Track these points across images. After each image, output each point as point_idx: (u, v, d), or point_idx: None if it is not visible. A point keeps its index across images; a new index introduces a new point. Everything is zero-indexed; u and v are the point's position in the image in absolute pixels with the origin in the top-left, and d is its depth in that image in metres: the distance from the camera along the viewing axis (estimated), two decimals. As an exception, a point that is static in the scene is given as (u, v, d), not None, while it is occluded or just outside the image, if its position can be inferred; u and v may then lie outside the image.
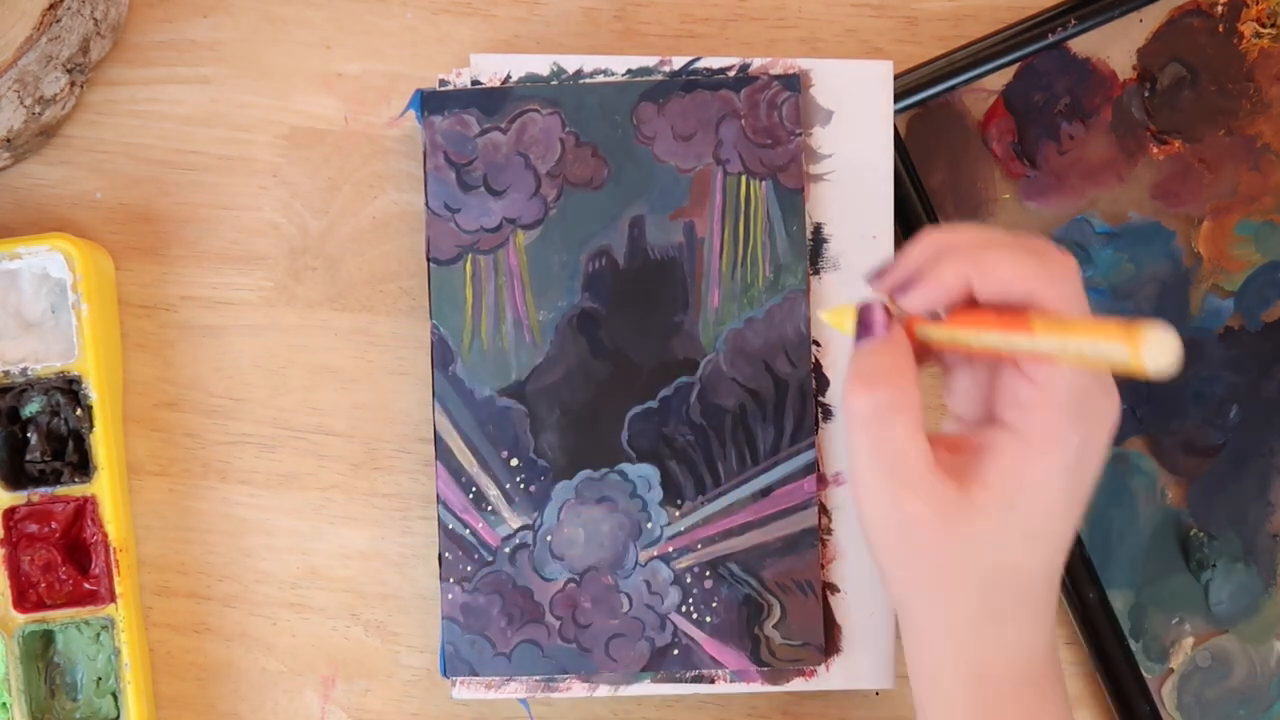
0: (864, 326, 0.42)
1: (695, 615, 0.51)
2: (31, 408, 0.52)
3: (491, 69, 0.52)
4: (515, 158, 0.52)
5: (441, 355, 0.52)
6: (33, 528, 0.52)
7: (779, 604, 0.51)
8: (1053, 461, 0.39)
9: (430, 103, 0.52)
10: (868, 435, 0.40)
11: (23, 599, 0.51)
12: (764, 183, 0.52)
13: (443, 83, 0.52)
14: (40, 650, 0.52)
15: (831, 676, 0.51)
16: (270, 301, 0.54)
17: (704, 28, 0.54)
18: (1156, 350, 0.34)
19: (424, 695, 0.53)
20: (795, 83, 0.52)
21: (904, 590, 0.42)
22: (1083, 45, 0.53)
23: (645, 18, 0.54)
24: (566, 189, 0.52)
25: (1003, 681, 0.41)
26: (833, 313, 0.45)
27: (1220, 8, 0.53)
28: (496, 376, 0.51)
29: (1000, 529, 0.40)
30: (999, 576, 0.41)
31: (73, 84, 0.52)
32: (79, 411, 0.52)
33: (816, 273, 0.52)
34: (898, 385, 0.40)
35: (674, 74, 0.52)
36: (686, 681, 0.51)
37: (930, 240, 0.41)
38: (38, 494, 0.52)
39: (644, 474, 0.51)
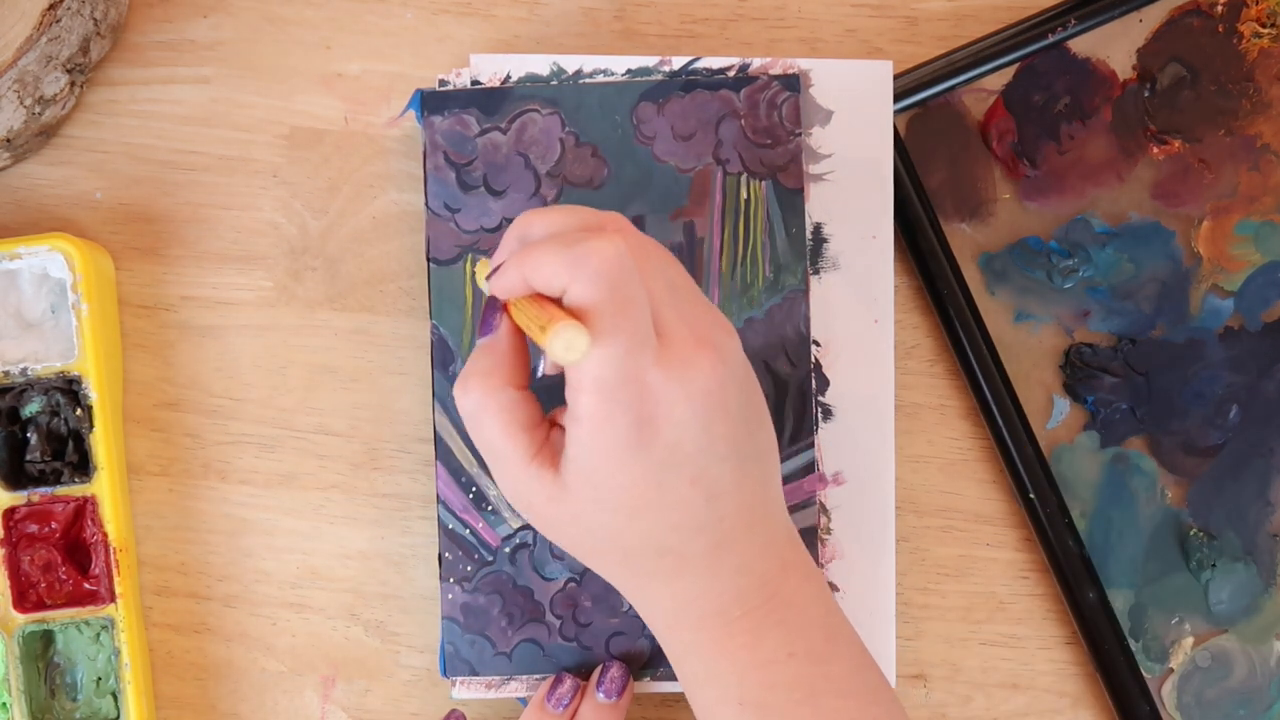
0: (480, 324, 0.43)
1: (695, 615, 0.51)
2: (31, 408, 0.52)
3: (491, 69, 0.52)
4: (515, 158, 0.52)
5: (441, 355, 0.52)
6: (33, 528, 0.52)
7: (779, 604, 0.51)
8: (602, 438, 0.40)
9: (430, 103, 0.52)
10: (473, 430, 0.42)
11: (23, 599, 0.52)
12: (764, 183, 0.52)
13: (443, 83, 0.52)
14: (40, 650, 0.52)
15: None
16: (270, 301, 0.54)
17: (704, 28, 0.54)
18: (561, 346, 0.37)
19: (424, 695, 0.53)
20: (795, 83, 0.52)
21: (576, 557, 0.44)
22: (1083, 45, 0.53)
23: (645, 18, 0.54)
24: (566, 189, 0.52)
25: (696, 629, 0.43)
26: (479, 268, 0.46)
27: (1220, 8, 0.53)
28: (496, 376, 0.51)
29: (596, 507, 0.41)
30: (629, 548, 0.42)
31: (73, 84, 0.52)
32: (79, 411, 0.52)
33: (816, 273, 0.52)
34: (489, 386, 0.41)
35: (674, 74, 0.52)
36: (686, 681, 0.51)
37: (511, 231, 0.42)
38: (38, 494, 0.52)
39: (644, 474, 0.51)
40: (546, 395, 0.43)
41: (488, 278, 0.43)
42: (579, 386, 0.39)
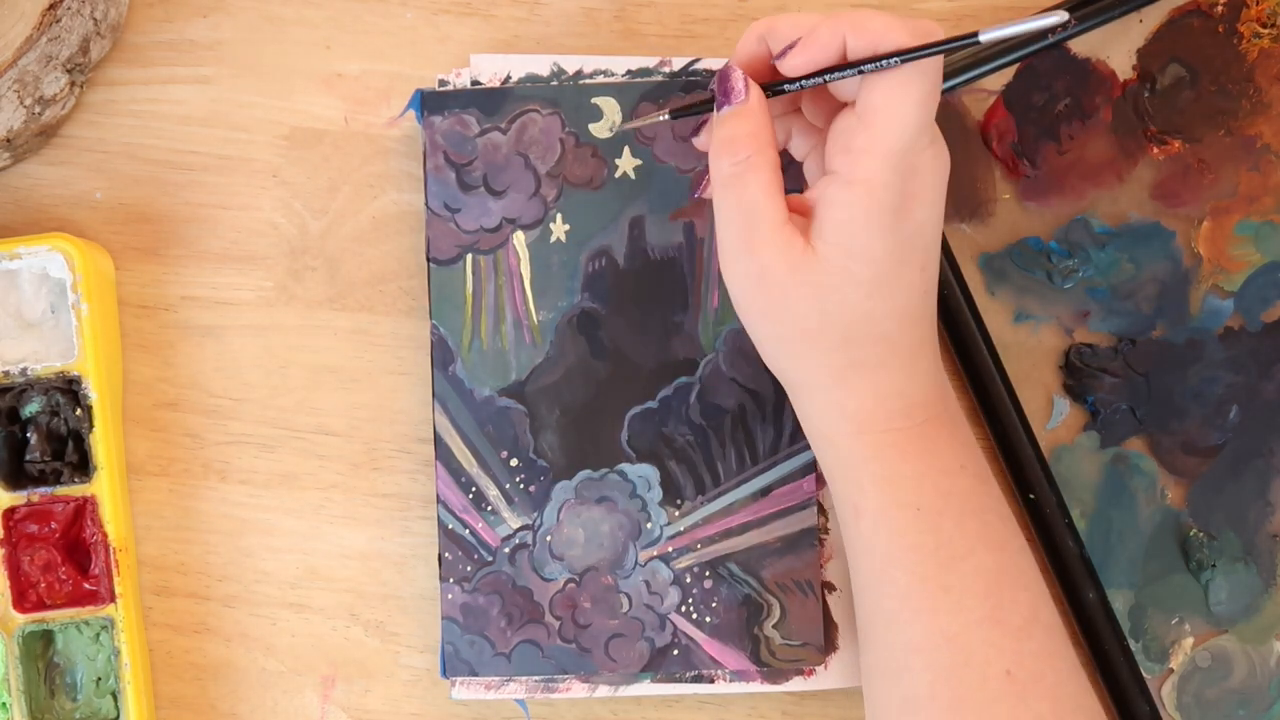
0: (724, 93, 0.44)
1: (695, 615, 0.51)
2: (31, 408, 0.52)
3: (491, 69, 0.52)
4: (515, 158, 0.52)
5: (441, 355, 0.52)
6: (33, 528, 0.52)
7: (778, 604, 0.51)
8: (874, 202, 0.42)
9: (430, 103, 0.52)
10: (730, 193, 0.43)
11: (23, 599, 0.52)
12: (764, 183, 0.51)
13: (443, 83, 0.52)
14: (40, 650, 0.52)
15: (831, 675, 0.51)
16: (270, 301, 0.54)
17: (704, 28, 0.54)
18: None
19: (424, 695, 0.53)
20: (795, 83, 0.52)
21: (774, 351, 0.45)
22: (1083, 45, 0.53)
23: (645, 18, 0.54)
24: (566, 189, 0.52)
25: (885, 430, 0.44)
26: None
27: (1220, 8, 0.53)
28: (496, 376, 0.52)
29: (842, 278, 0.42)
30: (854, 327, 0.43)
31: (73, 84, 0.52)
32: (79, 411, 0.52)
33: (816, 273, 0.52)
34: (756, 146, 0.43)
35: (674, 74, 0.52)
36: (686, 681, 0.51)
37: (753, 31, 0.44)
38: (38, 494, 0.52)
39: (643, 474, 0.51)
40: (541, 398, 0.43)
41: (778, 56, 0.43)
42: (868, 148, 0.41)
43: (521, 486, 0.51)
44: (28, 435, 0.52)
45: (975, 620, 0.43)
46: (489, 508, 0.51)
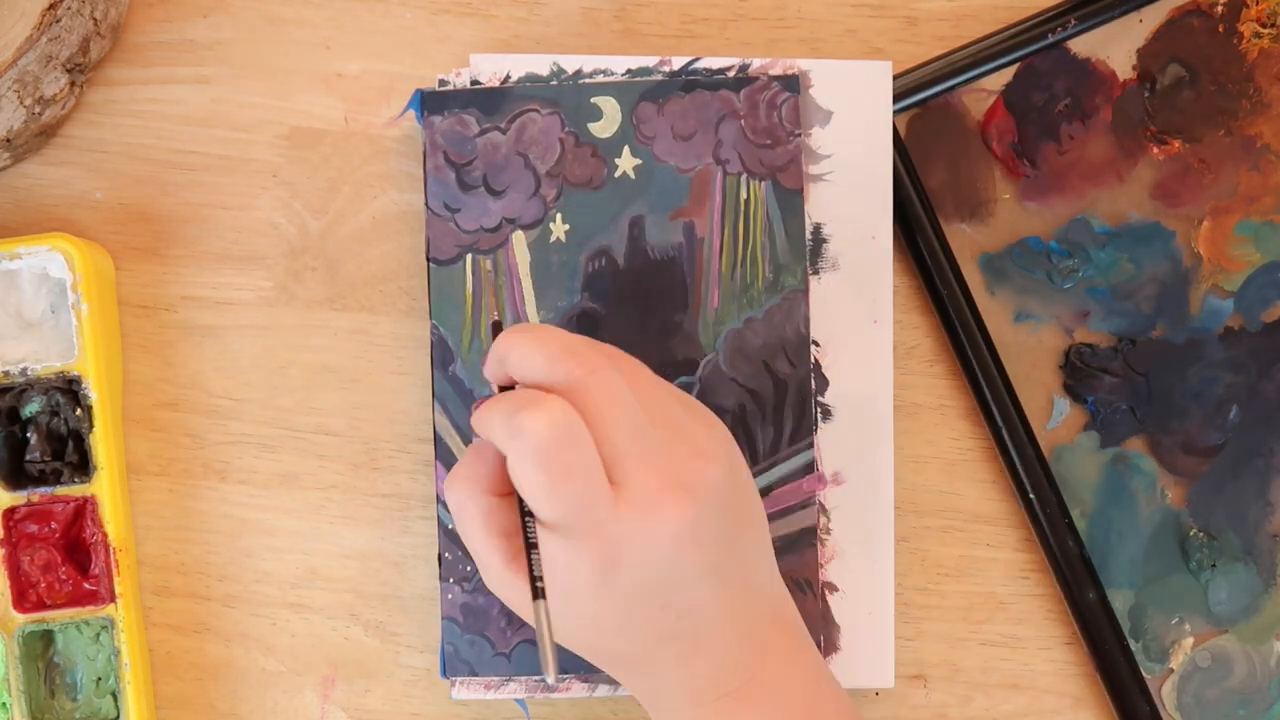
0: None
1: (695, 615, 0.51)
2: (31, 408, 0.52)
3: (491, 69, 0.52)
4: (515, 158, 0.52)
5: (441, 355, 0.52)
6: (33, 528, 0.52)
7: (779, 604, 0.51)
8: (568, 582, 0.41)
9: (430, 103, 0.52)
10: (458, 529, 0.43)
11: (23, 599, 0.52)
12: (763, 183, 0.52)
13: (442, 83, 0.52)
14: (40, 650, 0.52)
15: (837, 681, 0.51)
16: (270, 301, 0.54)
17: (704, 28, 0.54)
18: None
19: (424, 695, 0.53)
20: (795, 83, 0.52)
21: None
22: (1083, 45, 0.53)
23: (645, 18, 0.54)
24: (566, 189, 0.52)
25: (678, 712, 0.44)
26: None
27: (1220, 8, 0.53)
28: (496, 376, 0.51)
29: (562, 622, 0.42)
30: (593, 653, 0.44)
31: (73, 84, 0.52)
32: (79, 411, 0.52)
33: (816, 273, 0.52)
34: (471, 491, 0.42)
35: (674, 74, 0.52)
36: (686, 681, 0.51)
37: (495, 348, 0.43)
38: (38, 494, 0.52)
39: (644, 474, 0.51)
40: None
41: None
42: (540, 538, 0.41)
43: (521, 486, 0.51)
44: (28, 435, 0.52)
45: None
46: (489, 508, 0.51)
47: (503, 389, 0.44)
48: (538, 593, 0.40)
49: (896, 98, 0.53)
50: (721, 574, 0.42)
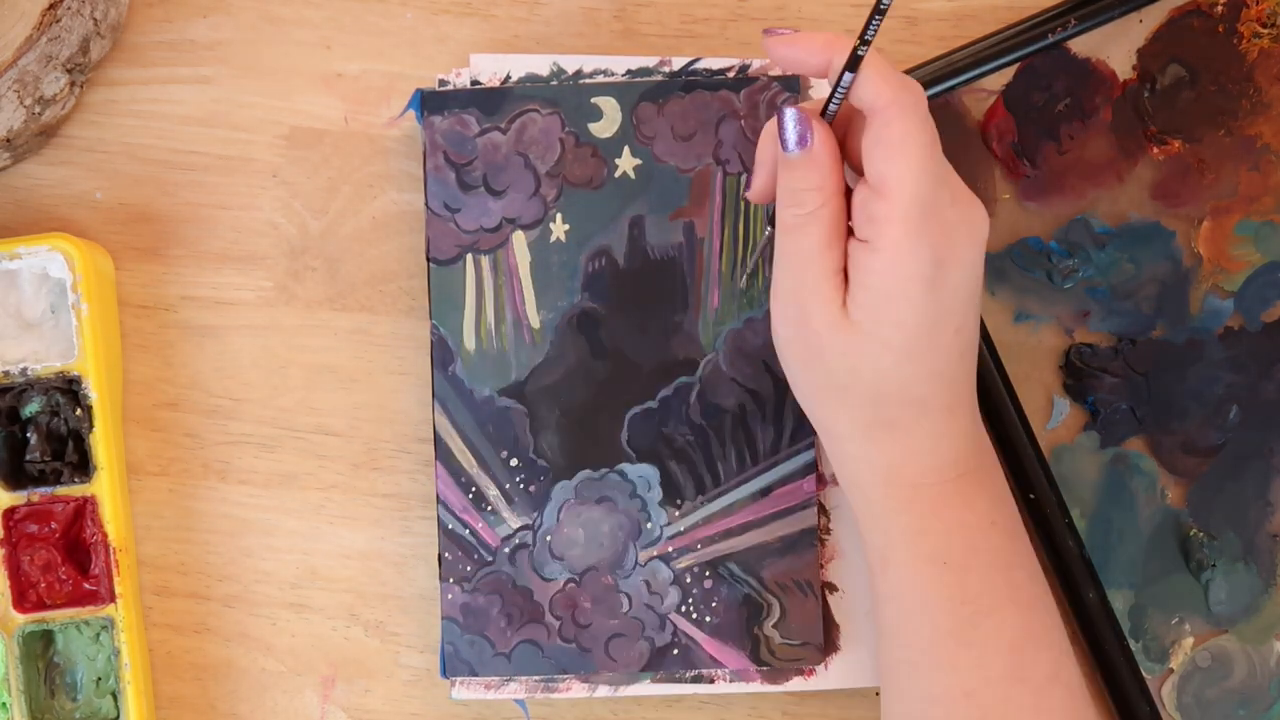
0: (786, 140, 0.44)
1: (695, 615, 0.51)
2: (31, 408, 0.52)
3: (491, 69, 0.52)
4: (515, 158, 0.52)
5: (441, 355, 0.52)
6: (33, 528, 0.52)
7: (778, 604, 0.51)
8: (903, 272, 0.42)
9: (430, 103, 0.52)
10: (788, 240, 0.44)
11: (23, 599, 0.52)
12: (764, 183, 0.51)
13: (442, 83, 0.52)
14: (40, 650, 0.52)
15: (831, 676, 0.51)
16: (270, 301, 0.54)
17: (704, 28, 0.54)
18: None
19: (424, 695, 0.53)
20: (795, 83, 0.52)
21: (807, 396, 0.46)
22: (1083, 45, 0.53)
23: (645, 18, 0.54)
24: (566, 189, 0.52)
25: (915, 485, 0.44)
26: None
27: (1220, 8, 0.53)
28: (496, 376, 0.52)
29: (873, 344, 0.43)
30: (884, 389, 0.43)
31: (73, 84, 0.52)
32: (79, 411, 0.52)
33: (816, 273, 0.52)
34: (820, 199, 0.43)
35: (674, 74, 0.52)
36: (686, 681, 0.51)
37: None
38: (38, 494, 0.52)
39: (643, 474, 0.51)
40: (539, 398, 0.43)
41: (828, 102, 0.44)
42: (886, 217, 0.41)
43: (521, 486, 0.51)
44: (28, 435, 0.52)
45: (996, 677, 0.44)
46: (489, 508, 0.51)
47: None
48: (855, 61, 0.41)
49: (896, 98, 0.53)
50: (975, 329, 0.44)
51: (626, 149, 0.52)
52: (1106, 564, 0.53)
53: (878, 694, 0.53)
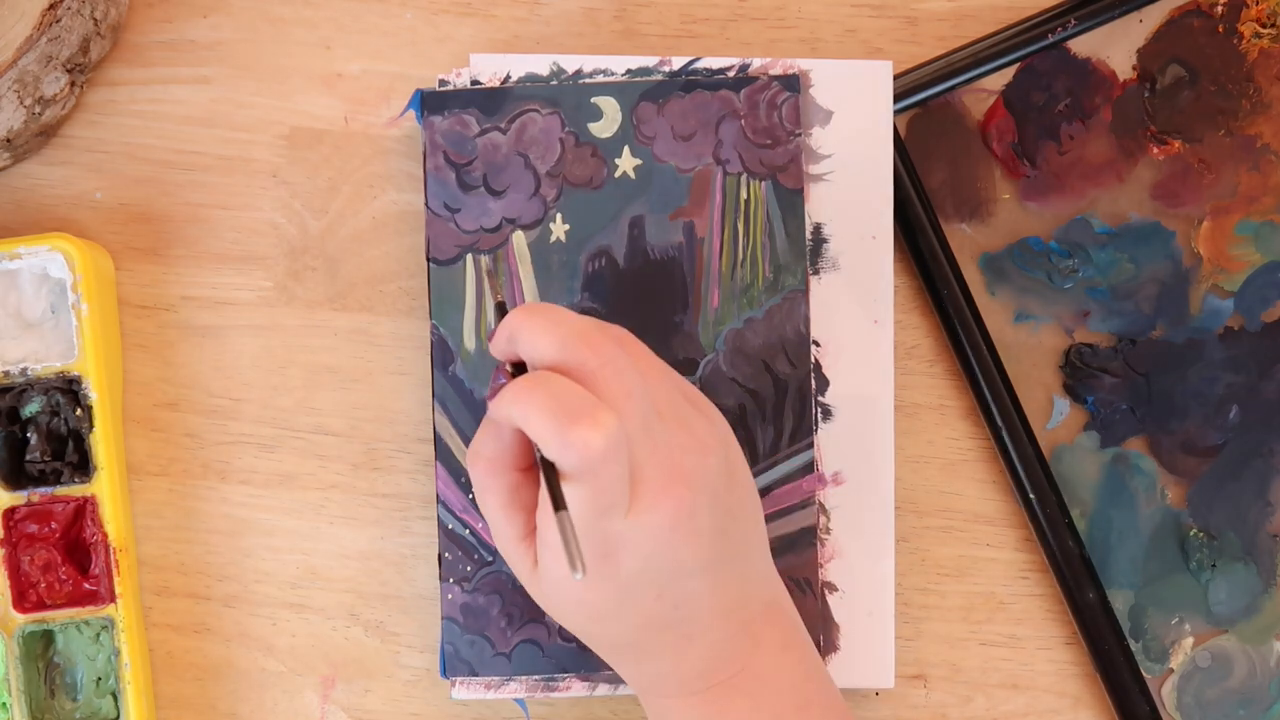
0: (489, 392, 0.44)
1: (695, 615, 0.51)
2: (31, 408, 0.52)
3: (491, 69, 0.52)
4: (515, 158, 0.52)
5: (441, 355, 0.52)
6: (33, 528, 0.52)
7: (779, 604, 0.51)
8: (566, 569, 0.40)
9: (430, 103, 0.52)
10: (480, 498, 0.44)
11: (23, 599, 0.52)
12: (764, 183, 0.52)
13: (443, 83, 0.52)
14: (40, 650, 0.52)
15: (831, 676, 0.51)
16: (270, 301, 0.54)
17: (704, 28, 0.54)
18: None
19: (424, 695, 0.53)
20: (795, 83, 0.52)
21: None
22: (1083, 45, 0.53)
23: (645, 18, 0.54)
24: (566, 189, 0.52)
25: (666, 697, 0.44)
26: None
27: (1220, 8, 0.53)
28: (496, 376, 0.51)
29: (564, 606, 0.43)
30: (589, 637, 0.44)
31: (73, 84, 0.52)
32: (79, 411, 0.52)
33: (816, 273, 0.52)
34: (493, 469, 0.43)
35: (674, 74, 0.52)
36: (686, 681, 0.51)
37: (505, 325, 0.43)
38: (38, 494, 0.52)
39: (644, 474, 0.51)
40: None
41: (488, 395, 0.44)
42: (548, 525, 0.41)
43: (521, 486, 0.51)
44: (28, 435, 0.52)
45: None
46: (489, 508, 0.51)
47: (514, 366, 0.43)
48: (559, 504, 0.39)
49: (897, 98, 0.53)
50: (716, 565, 0.42)
51: (626, 149, 0.52)
52: (1106, 564, 0.53)
53: (878, 694, 0.53)
